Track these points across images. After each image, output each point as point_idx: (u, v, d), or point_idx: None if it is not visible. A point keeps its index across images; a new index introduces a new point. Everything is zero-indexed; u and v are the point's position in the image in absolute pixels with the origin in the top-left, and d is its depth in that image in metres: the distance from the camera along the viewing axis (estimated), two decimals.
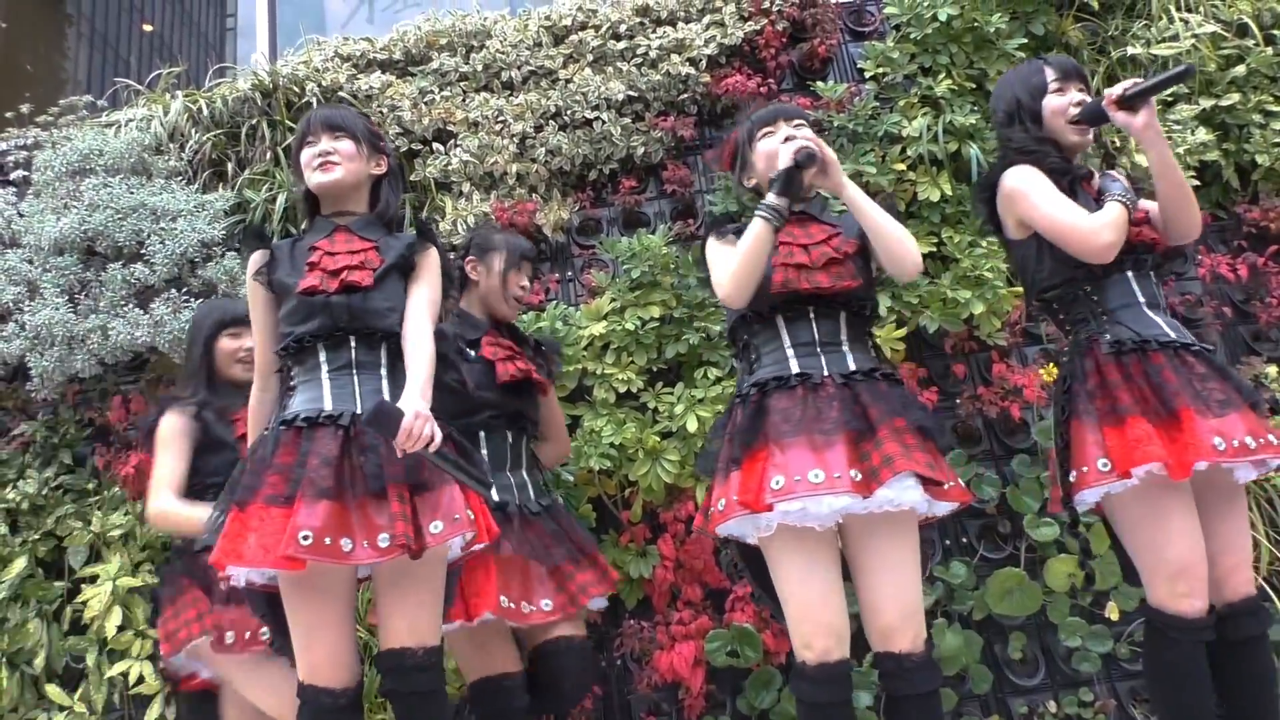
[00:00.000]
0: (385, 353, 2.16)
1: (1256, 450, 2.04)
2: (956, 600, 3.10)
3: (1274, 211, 3.62)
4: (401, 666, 2.00)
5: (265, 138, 3.77)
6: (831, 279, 2.16)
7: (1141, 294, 2.26)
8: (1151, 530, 2.12)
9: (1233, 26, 3.86)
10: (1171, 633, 2.09)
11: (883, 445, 1.98)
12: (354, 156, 2.26)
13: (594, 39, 3.88)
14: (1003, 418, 3.32)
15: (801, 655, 2.03)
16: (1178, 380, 2.11)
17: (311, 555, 1.85)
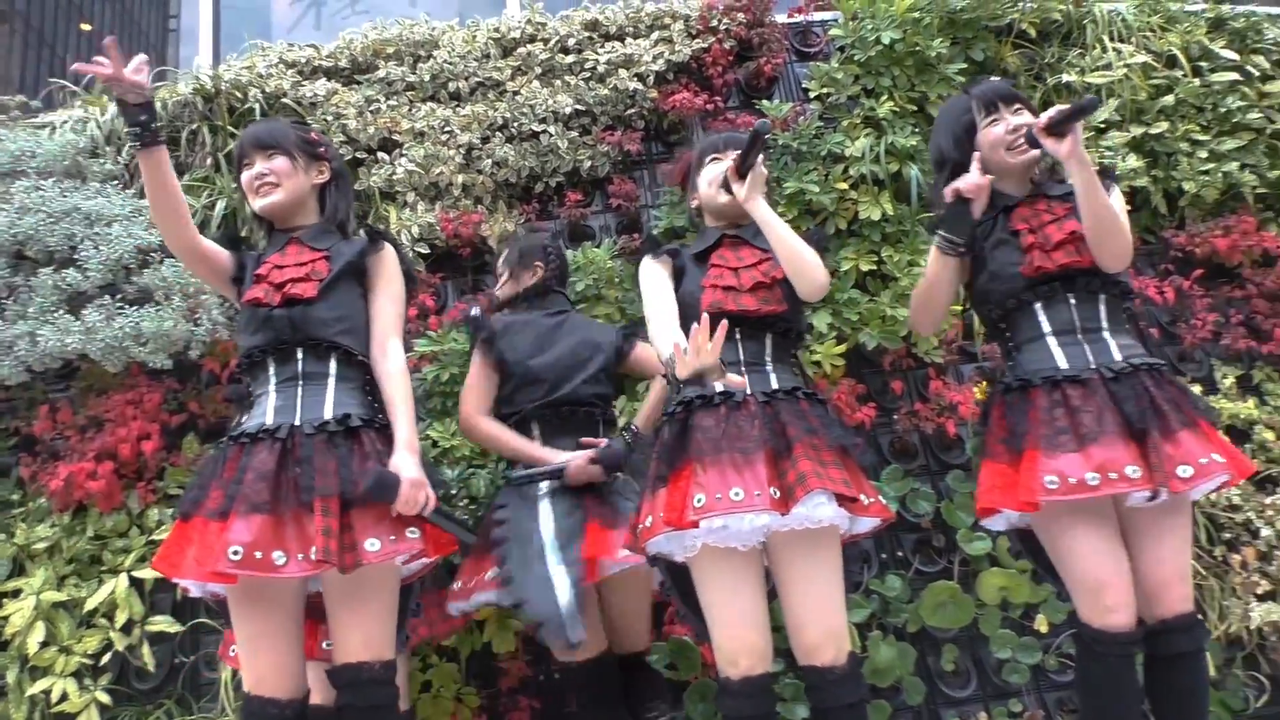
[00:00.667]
0: (335, 363, 2.16)
1: (1099, 488, 2.01)
2: (891, 613, 3.15)
3: (1199, 237, 3.74)
4: (357, 680, 1.98)
5: (206, 143, 3.71)
6: (758, 303, 2.21)
7: (1049, 324, 2.27)
8: (1066, 549, 2.16)
9: (1162, 58, 4.00)
10: (1097, 647, 2.12)
11: (798, 463, 2.01)
12: (290, 173, 2.26)
13: (542, 52, 3.89)
14: (938, 434, 3.39)
15: (725, 671, 2.06)
16: (1039, 418, 2.15)
17: (241, 570, 1.86)
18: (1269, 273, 3.75)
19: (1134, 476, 2.01)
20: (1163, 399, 2.14)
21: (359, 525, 1.95)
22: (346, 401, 2.12)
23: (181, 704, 2.99)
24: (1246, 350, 3.65)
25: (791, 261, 2.18)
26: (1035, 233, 2.28)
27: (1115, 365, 2.19)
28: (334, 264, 2.19)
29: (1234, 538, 3.31)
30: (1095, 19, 4.11)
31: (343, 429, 2.06)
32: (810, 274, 2.18)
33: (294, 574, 1.89)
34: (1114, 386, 2.15)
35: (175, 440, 3.22)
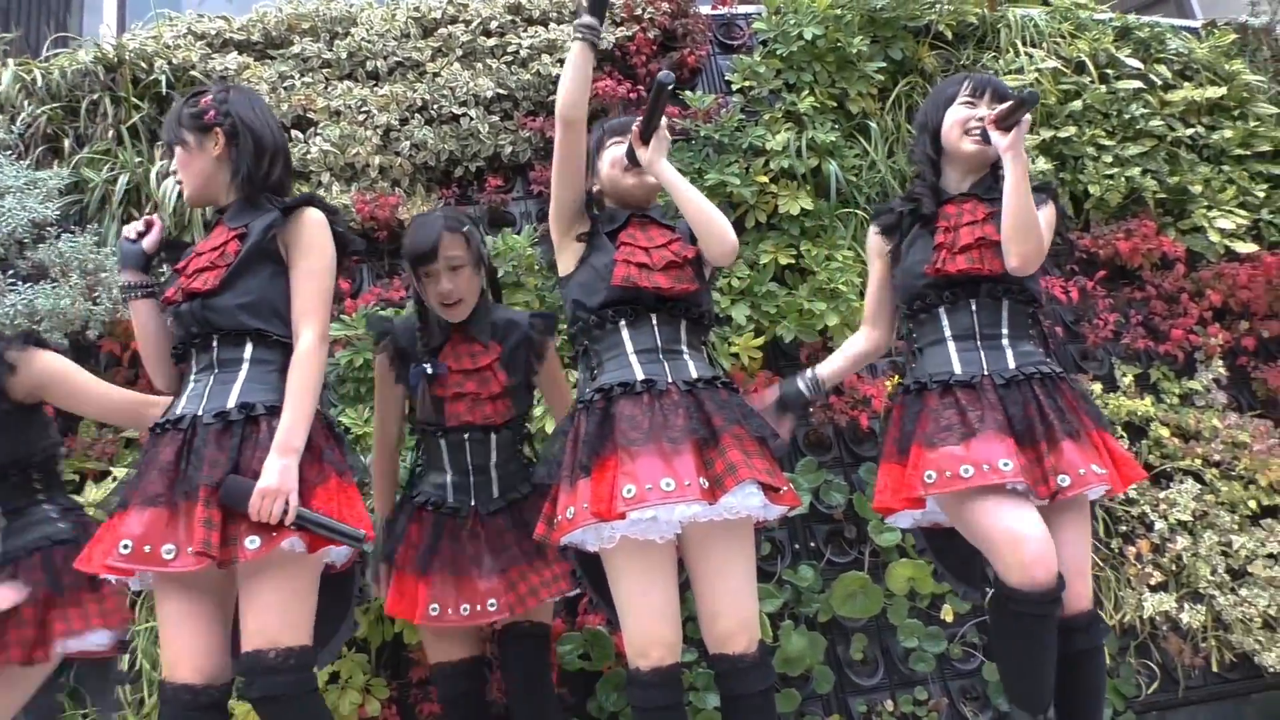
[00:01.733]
0: (250, 348, 2.06)
1: (971, 479, 2.05)
2: (803, 603, 3.19)
3: (1104, 239, 3.88)
4: (254, 669, 1.91)
5: (108, 114, 3.55)
6: (671, 281, 2.17)
7: (951, 328, 2.30)
8: (974, 517, 2.15)
9: (1072, 64, 4.13)
10: (1012, 605, 2.08)
11: (726, 453, 2.01)
12: (188, 160, 2.16)
13: (464, 34, 3.83)
14: (851, 427, 3.44)
15: (635, 663, 2.05)
16: (926, 419, 2.21)
17: (130, 564, 1.82)
18: (1167, 275, 3.90)
19: (1005, 470, 2.04)
20: (1050, 408, 2.18)
21: (238, 519, 1.88)
22: (256, 389, 2.03)
23: (75, 697, 2.86)
24: (1145, 350, 3.80)
25: (700, 223, 2.15)
26: (948, 233, 2.30)
27: (1006, 373, 2.22)
28: (245, 244, 2.08)
29: (1129, 530, 3.45)
30: (1009, 23, 4.23)
31: (243, 417, 1.98)
32: (720, 234, 2.14)
33: (182, 568, 1.83)
34: (1003, 393, 2.19)
35: (72, 424, 3.07)
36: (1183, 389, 3.77)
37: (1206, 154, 4.21)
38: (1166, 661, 3.33)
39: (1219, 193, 4.08)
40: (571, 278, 2.29)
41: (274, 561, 1.92)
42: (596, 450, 2.06)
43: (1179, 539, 3.40)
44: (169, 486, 1.89)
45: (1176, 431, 3.65)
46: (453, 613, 2.34)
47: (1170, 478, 3.57)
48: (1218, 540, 3.42)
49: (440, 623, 2.35)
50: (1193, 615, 3.31)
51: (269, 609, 1.94)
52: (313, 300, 2.08)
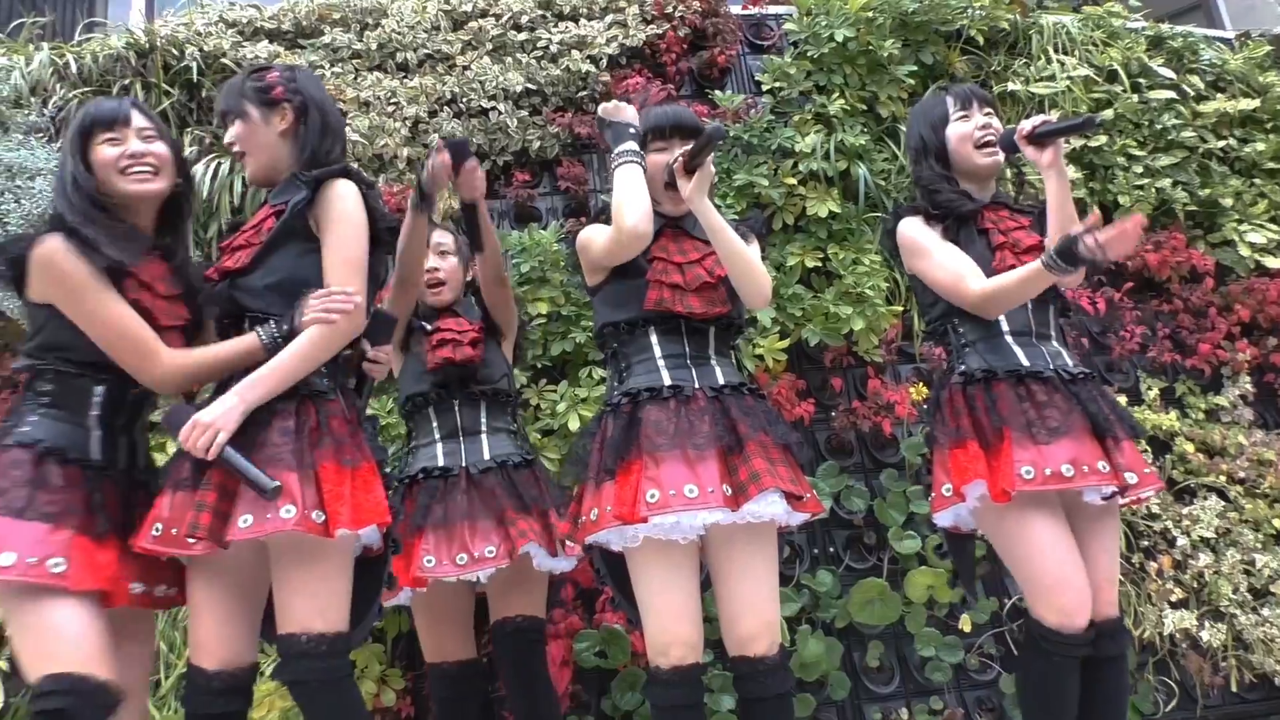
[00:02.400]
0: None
1: (1073, 479, 2.05)
2: (821, 608, 3.17)
3: (1132, 250, 3.84)
4: (286, 653, 1.92)
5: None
6: (704, 304, 2.17)
7: (1008, 324, 2.30)
8: (1025, 544, 2.17)
9: (1104, 72, 4.09)
10: (1045, 645, 2.13)
11: (750, 460, 2.01)
12: (250, 134, 2.10)
13: (494, 28, 3.82)
14: (874, 432, 3.42)
15: (656, 661, 2.06)
16: (1009, 408, 2.18)
17: (159, 547, 1.86)
18: (1195, 288, 3.86)
19: (1104, 471, 2.08)
20: (1108, 408, 2.21)
21: (240, 500, 1.86)
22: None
23: None
24: (1171, 363, 3.77)
25: (738, 269, 2.14)
26: (1005, 234, 2.31)
27: (1071, 370, 2.25)
28: (282, 219, 2.04)
29: (1151, 545, 3.42)
30: (1041, 30, 4.20)
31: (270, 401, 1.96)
32: (756, 283, 2.15)
33: (199, 553, 1.84)
34: (1073, 388, 2.21)
35: None
36: (1208, 404, 3.74)
37: (1238, 167, 4.17)
38: (1185, 680, 3.30)
39: (1250, 206, 4.04)
40: (601, 289, 2.27)
41: (303, 545, 1.91)
42: (621, 454, 2.07)
43: (1201, 556, 3.37)
44: (193, 471, 1.89)
45: (1201, 447, 3.63)
46: (449, 563, 2.39)
47: (1194, 494, 3.54)
48: (1240, 558, 3.39)
49: (437, 573, 2.38)
50: (1213, 634, 3.28)
51: (299, 593, 1.94)
52: (338, 270, 2.00)
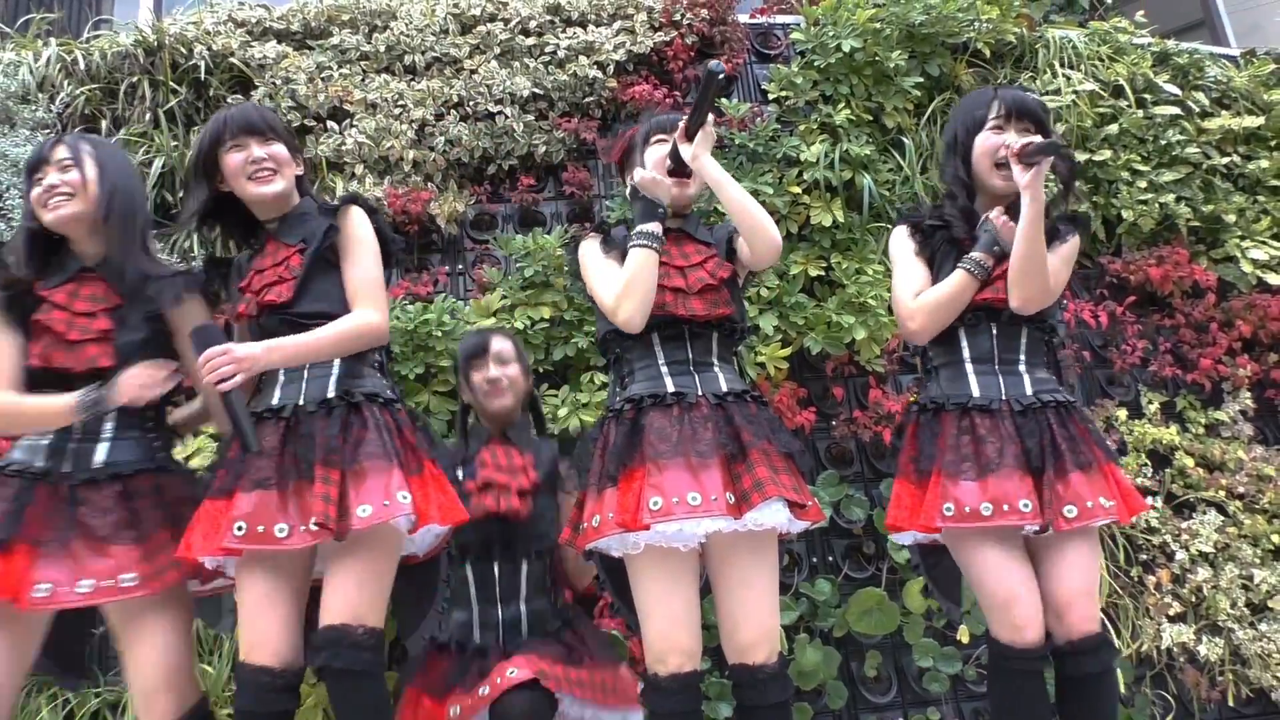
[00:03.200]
0: None
1: (991, 518, 2.05)
2: (819, 617, 3.17)
3: (1134, 264, 3.85)
4: (338, 642, 1.95)
5: (146, 97, 3.57)
6: (707, 306, 2.18)
7: (970, 350, 2.28)
8: (977, 567, 2.19)
9: (1109, 87, 4.10)
10: (1004, 662, 2.16)
11: (754, 469, 2.02)
12: (287, 162, 2.23)
13: (502, 32, 3.83)
14: (875, 442, 3.43)
15: (654, 668, 2.07)
16: (945, 444, 2.19)
17: (245, 544, 1.90)
18: (1197, 304, 3.87)
19: (1025, 510, 2.06)
20: (1062, 438, 2.17)
21: (354, 493, 1.95)
22: (350, 379, 2.13)
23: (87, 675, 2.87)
24: (1172, 378, 3.77)
25: (747, 223, 2.14)
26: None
27: (1024, 399, 2.21)
28: (306, 257, 2.16)
29: (1150, 559, 3.42)
30: (1047, 44, 4.21)
31: (344, 404, 2.07)
32: (765, 234, 2.13)
33: (296, 545, 1.91)
34: (1020, 420, 2.18)
35: None
36: (1209, 419, 3.74)
37: (1242, 184, 4.17)
38: (1182, 693, 3.30)
39: (1253, 223, 4.05)
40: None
41: (367, 542, 1.99)
42: (624, 461, 2.08)
43: (1200, 570, 3.37)
44: (277, 470, 1.97)
45: (1201, 462, 3.63)
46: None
47: (1193, 508, 3.54)
48: (1239, 573, 3.39)
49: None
50: (1211, 648, 3.28)
51: (359, 586, 2.01)
52: (368, 286, 2.16)
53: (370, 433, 2.03)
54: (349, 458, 1.99)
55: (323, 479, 1.94)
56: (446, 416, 3.14)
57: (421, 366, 3.12)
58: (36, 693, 2.79)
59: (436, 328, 3.12)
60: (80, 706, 2.77)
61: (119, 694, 2.82)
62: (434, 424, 3.11)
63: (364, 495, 1.95)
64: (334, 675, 1.96)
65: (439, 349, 3.13)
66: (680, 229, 2.32)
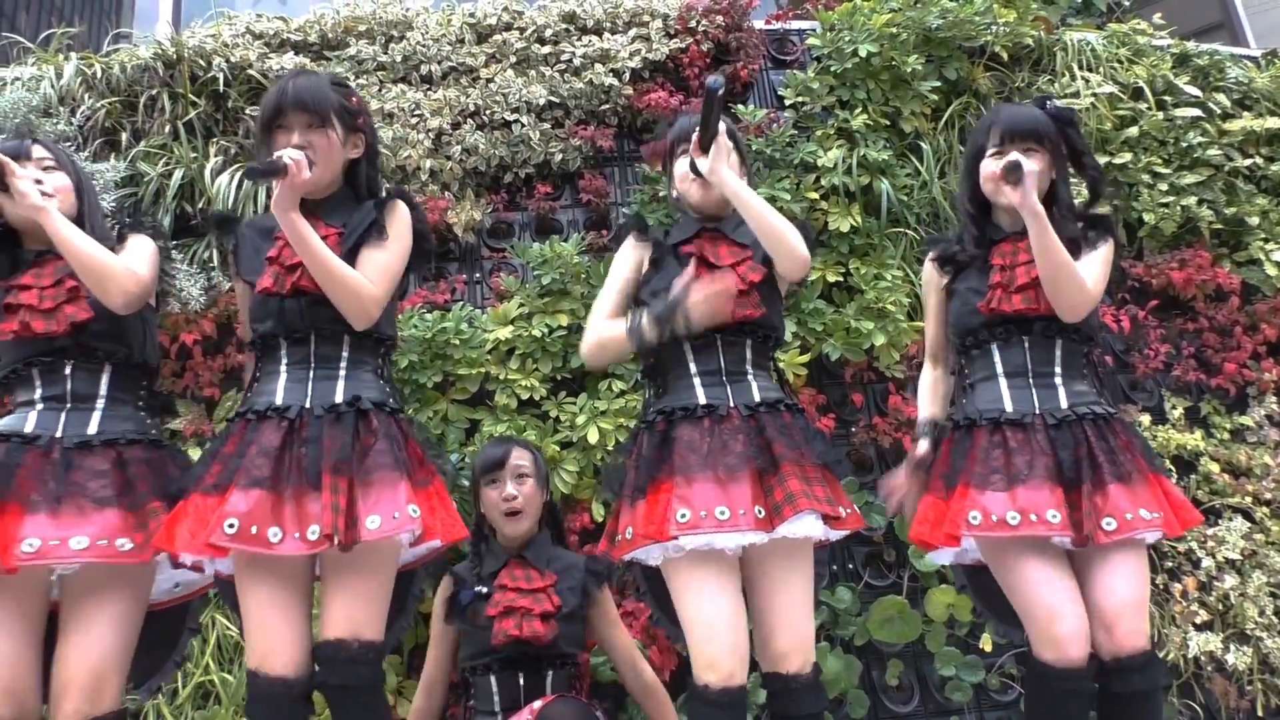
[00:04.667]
0: (348, 347, 2.09)
1: (1019, 527, 2.00)
2: (840, 625, 3.14)
3: (1156, 268, 3.81)
4: (335, 658, 1.92)
5: (165, 110, 3.59)
6: (735, 308, 2.13)
7: (1003, 365, 2.24)
8: (1013, 580, 2.14)
9: (1129, 89, 4.07)
10: (1044, 680, 2.08)
11: (786, 482, 1.98)
12: (330, 149, 2.11)
13: (518, 41, 3.84)
14: (895, 449, 3.40)
15: (704, 678, 1.99)
16: (976, 458, 2.14)
17: (236, 544, 1.82)
18: (1221, 307, 3.83)
19: (1053, 521, 2.00)
20: (1100, 450, 2.13)
21: (363, 503, 1.91)
22: (357, 385, 2.07)
23: None
24: (1196, 383, 3.73)
25: (770, 237, 2.09)
26: (1005, 271, 2.24)
27: (1059, 413, 2.17)
28: (345, 242, 2.10)
29: (1176, 567, 3.38)
30: (1065, 47, 4.18)
31: (353, 410, 2.01)
32: (791, 248, 2.08)
33: (288, 552, 1.84)
34: (1054, 433, 2.14)
35: None
36: (1234, 424, 3.69)
37: (1265, 185, 4.12)
38: (1210, 703, 3.25)
39: (1277, 225, 4.00)
40: (643, 291, 2.26)
41: (367, 554, 1.93)
42: (653, 473, 2.05)
43: (1227, 578, 3.32)
44: (274, 471, 1.90)
45: (1226, 467, 3.58)
46: None
47: (1219, 515, 3.50)
48: (1266, 580, 3.34)
49: None
50: (1239, 657, 3.23)
51: (358, 599, 1.96)
52: (378, 267, 2.07)
53: (380, 442, 1.98)
54: (358, 467, 1.94)
55: (331, 488, 1.88)
56: (465, 425, 3.14)
57: (439, 375, 3.12)
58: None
59: (454, 336, 3.12)
60: None
61: (139, 704, 2.83)
62: (452, 433, 3.11)
63: (372, 506, 1.90)
64: (331, 691, 1.94)
65: (457, 357, 3.13)
66: (716, 229, 2.28)
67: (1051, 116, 2.30)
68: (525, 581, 2.46)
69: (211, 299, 3.17)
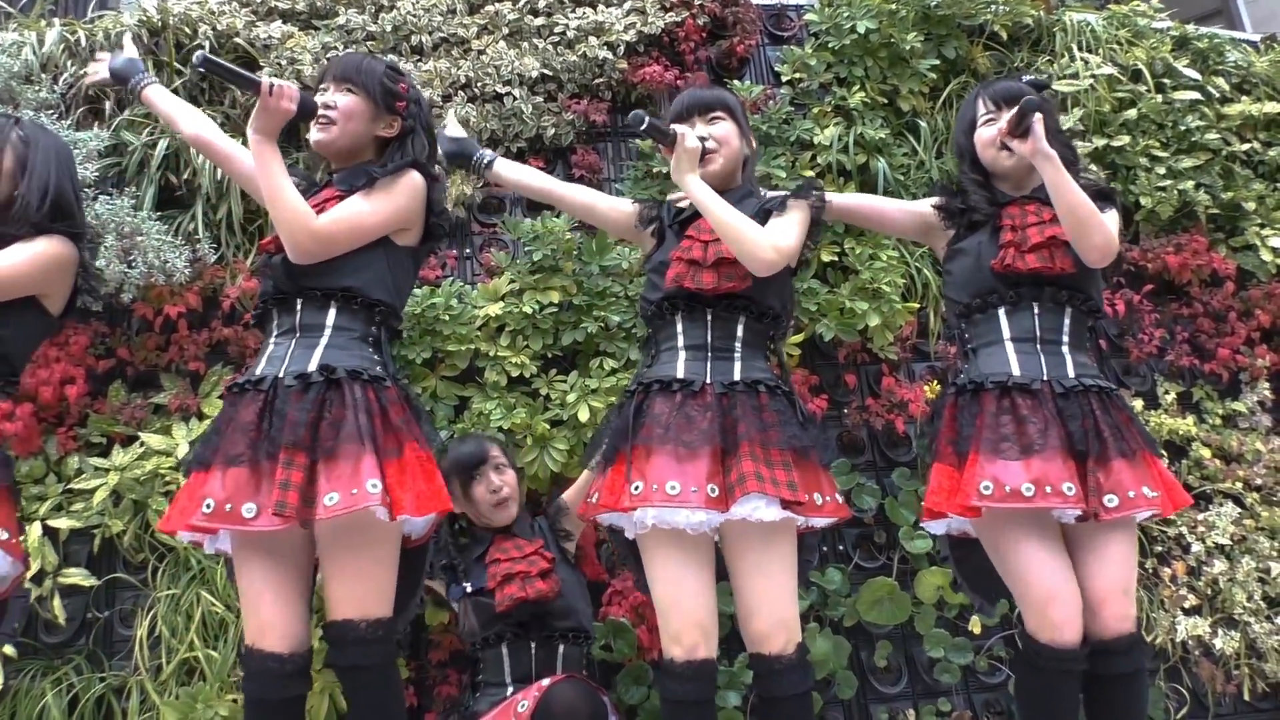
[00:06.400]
0: (334, 312, 2.07)
1: (1033, 499, 1.99)
2: (830, 606, 3.13)
3: (1152, 252, 3.79)
4: (343, 639, 1.93)
5: None
6: (717, 279, 2.12)
7: (1010, 330, 2.24)
8: (1014, 559, 2.13)
9: (1128, 72, 4.03)
10: (1037, 660, 2.10)
11: (741, 463, 1.98)
12: (353, 115, 2.13)
13: (511, 12, 3.77)
14: (887, 430, 3.38)
15: (670, 651, 2.03)
16: (985, 422, 2.13)
17: (212, 523, 1.85)
18: (1216, 293, 3.81)
19: (1069, 494, 2.00)
20: (1105, 424, 2.12)
21: (324, 479, 1.88)
22: (338, 354, 2.03)
23: (92, 660, 2.84)
24: (1189, 368, 3.72)
25: (730, 240, 2.09)
26: (1016, 231, 2.24)
27: (1067, 381, 2.16)
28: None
29: (1165, 551, 3.38)
30: (1065, 27, 4.14)
31: (324, 379, 1.97)
32: (749, 251, 2.07)
33: (263, 528, 1.84)
34: (1062, 402, 2.13)
35: (101, 386, 3.05)
36: (1226, 410, 3.69)
37: (1262, 170, 4.10)
38: (1197, 687, 3.25)
39: (1273, 211, 3.98)
40: (646, 264, 2.35)
41: (359, 529, 1.92)
42: (618, 444, 2.09)
43: (1216, 563, 3.32)
44: (251, 446, 1.89)
45: (1218, 453, 3.58)
46: None
47: (1210, 500, 3.50)
48: (1255, 566, 3.34)
49: None
50: (1226, 641, 3.24)
51: (359, 577, 1.96)
52: (342, 210, 2.05)
53: (348, 413, 1.94)
54: (324, 440, 1.91)
55: (285, 463, 1.85)
56: (454, 402, 3.10)
57: (429, 350, 3.08)
58: (41, 676, 2.76)
59: (444, 311, 3.08)
60: (85, 691, 2.75)
61: (124, 679, 2.80)
62: (441, 410, 3.07)
63: (334, 482, 1.87)
64: (342, 672, 1.95)
65: (446, 333, 3.09)
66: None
67: (1031, 85, 2.35)
68: (516, 550, 2.51)
69: (197, 271, 3.11)
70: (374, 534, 1.97)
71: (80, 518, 2.82)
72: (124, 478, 2.83)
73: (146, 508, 2.85)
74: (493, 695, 2.46)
